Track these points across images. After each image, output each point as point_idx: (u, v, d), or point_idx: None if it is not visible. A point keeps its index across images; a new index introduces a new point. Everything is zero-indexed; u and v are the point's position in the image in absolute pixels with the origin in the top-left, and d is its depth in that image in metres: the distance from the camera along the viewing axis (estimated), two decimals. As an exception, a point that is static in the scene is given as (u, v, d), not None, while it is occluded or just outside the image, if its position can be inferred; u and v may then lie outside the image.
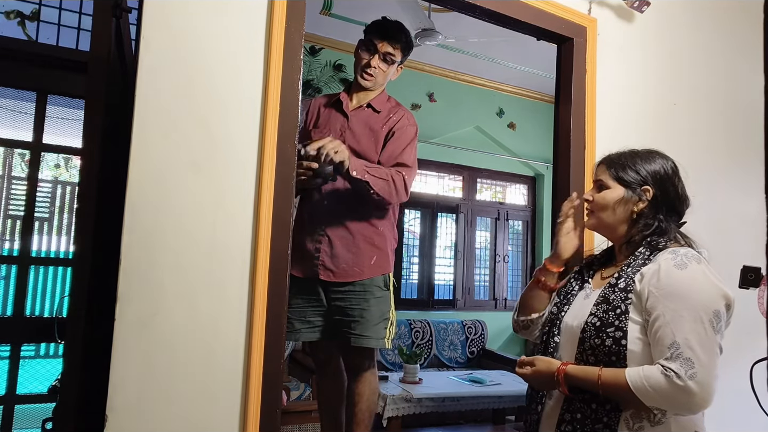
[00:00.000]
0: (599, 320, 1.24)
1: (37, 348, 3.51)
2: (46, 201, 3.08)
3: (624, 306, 1.22)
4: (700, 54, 2.33)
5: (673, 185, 1.35)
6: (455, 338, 4.95)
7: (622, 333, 1.20)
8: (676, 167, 1.38)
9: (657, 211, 1.33)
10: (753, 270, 1.72)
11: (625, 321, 1.20)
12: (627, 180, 1.35)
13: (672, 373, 1.11)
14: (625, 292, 1.24)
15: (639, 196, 1.34)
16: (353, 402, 2.03)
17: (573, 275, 1.47)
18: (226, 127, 1.42)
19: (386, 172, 1.92)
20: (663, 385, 1.11)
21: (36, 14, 2.86)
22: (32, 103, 2.83)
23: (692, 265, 1.20)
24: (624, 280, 1.26)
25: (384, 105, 2.08)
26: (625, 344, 1.19)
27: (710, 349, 1.13)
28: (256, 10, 1.47)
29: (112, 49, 1.52)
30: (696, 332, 1.13)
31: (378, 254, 2.01)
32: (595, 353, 1.23)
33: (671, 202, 1.35)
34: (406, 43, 2.07)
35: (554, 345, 1.35)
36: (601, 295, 1.28)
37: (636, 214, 1.34)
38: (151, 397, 1.30)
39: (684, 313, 1.14)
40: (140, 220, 1.31)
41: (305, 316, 2.02)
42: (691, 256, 1.22)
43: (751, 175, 2.29)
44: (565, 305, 1.38)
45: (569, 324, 1.33)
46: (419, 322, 4.80)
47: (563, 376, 1.23)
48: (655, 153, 1.40)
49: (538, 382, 1.31)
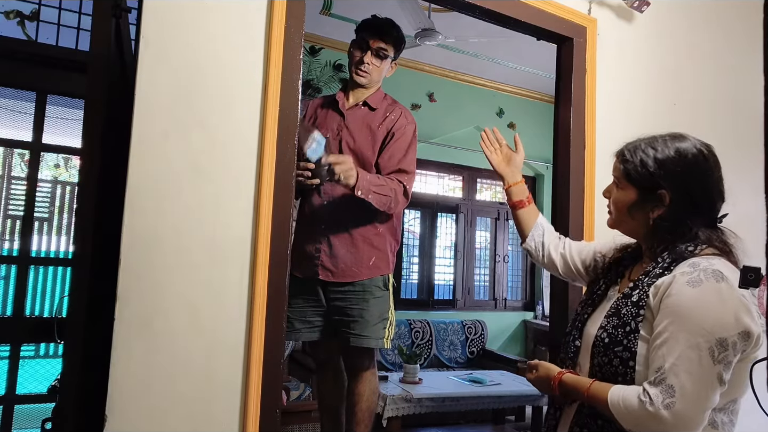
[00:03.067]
0: (608, 336, 1.15)
1: (36, 348, 3.51)
2: (46, 201, 3.08)
3: (634, 324, 1.12)
4: (700, 54, 2.33)
5: (700, 179, 1.17)
6: (455, 338, 4.95)
7: (630, 354, 1.10)
8: (704, 153, 1.19)
9: (679, 215, 1.16)
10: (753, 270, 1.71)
11: (634, 341, 1.11)
12: (640, 181, 1.20)
13: (647, 398, 1.02)
14: (637, 307, 1.13)
15: (655, 201, 1.18)
16: (353, 402, 2.03)
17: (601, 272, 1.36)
18: (226, 127, 1.42)
19: (390, 188, 1.93)
20: (635, 409, 1.03)
21: (36, 14, 2.86)
22: (32, 103, 2.83)
23: (707, 284, 1.05)
24: (638, 292, 1.14)
25: (380, 103, 2.09)
26: (633, 366, 1.10)
27: (701, 380, 1.02)
28: (256, 10, 1.47)
29: (112, 49, 1.52)
30: (688, 359, 1.02)
31: (377, 255, 2.01)
32: (602, 371, 1.15)
33: (696, 202, 1.17)
34: (397, 38, 2.09)
35: (574, 350, 1.26)
36: (613, 307, 1.18)
37: (653, 220, 1.19)
38: (151, 397, 1.30)
39: (680, 337, 1.03)
40: (140, 220, 1.31)
41: (305, 316, 2.03)
42: (711, 272, 1.06)
43: (751, 175, 2.29)
44: (589, 307, 1.28)
45: (588, 331, 1.24)
46: (419, 322, 4.80)
47: (557, 384, 1.21)
48: (675, 139, 1.20)
49: (540, 387, 1.29)
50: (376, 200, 1.88)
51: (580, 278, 1.51)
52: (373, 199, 1.87)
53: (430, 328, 4.82)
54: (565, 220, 1.94)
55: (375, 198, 1.88)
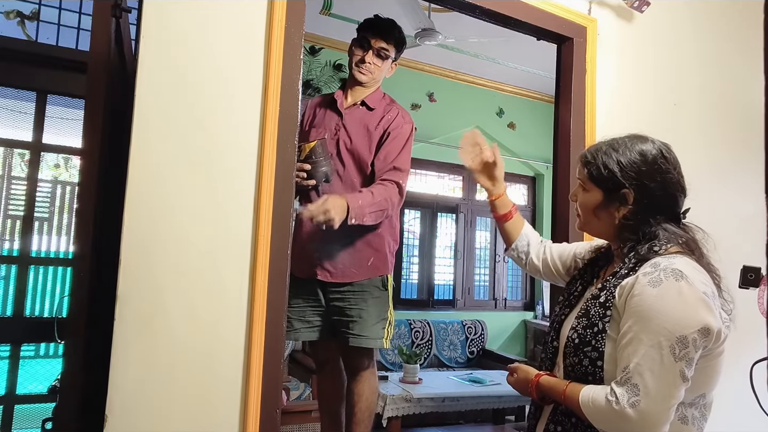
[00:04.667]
0: (578, 337, 1.18)
1: (37, 348, 3.50)
2: (46, 201, 3.08)
3: (602, 324, 1.15)
4: (700, 54, 2.33)
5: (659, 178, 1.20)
6: (455, 338, 4.95)
7: (597, 354, 1.13)
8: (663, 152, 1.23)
9: (642, 214, 1.20)
10: (753, 270, 1.71)
11: (602, 341, 1.13)
12: (604, 182, 1.23)
13: (614, 397, 1.06)
14: (604, 308, 1.16)
15: (619, 200, 1.21)
16: (353, 402, 2.03)
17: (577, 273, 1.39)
18: (226, 127, 1.42)
19: (384, 199, 1.91)
20: (603, 408, 1.07)
21: (36, 14, 2.86)
22: (32, 103, 2.83)
23: (667, 283, 1.08)
24: (605, 293, 1.18)
25: (378, 103, 2.09)
26: (601, 365, 1.13)
27: (663, 378, 1.05)
28: (256, 10, 1.47)
29: (112, 49, 1.52)
30: (650, 358, 1.05)
31: (375, 255, 2.01)
32: (574, 371, 1.17)
33: (658, 201, 1.21)
34: (399, 39, 2.09)
35: (552, 350, 1.28)
36: (583, 308, 1.21)
37: (618, 219, 1.22)
38: (151, 397, 1.30)
39: (642, 336, 1.07)
40: (140, 220, 1.31)
41: (304, 316, 2.03)
42: (671, 271, 1.09)
43: (751, 175, 2.29)
44: (567, 308, 1.31)
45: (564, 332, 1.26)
46: (419, 322, 4.80)
47: (535, 386, 1.23)
48: (636, 140, 1.24)
49: (520, 390, 1.31)
50: (372, 219, 1.90)
51: (561, 280, 1.52)
52: (368, 220, 1.88)
53: (430, 328, 4.82)
54: (565, 221, 1.94)
55: (371, 218, 1.89)
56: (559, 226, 1.99)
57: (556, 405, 1.22)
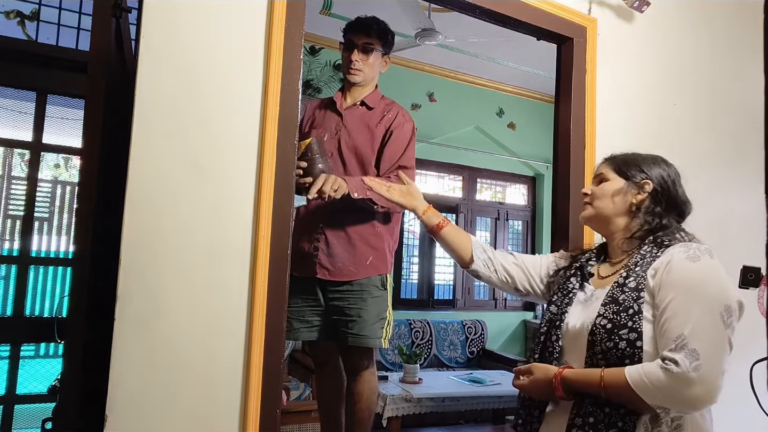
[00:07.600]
0: (610, 322, 1.18)
1: (36, 348, 3.51)
2: (46, 201, 3.08)
3: (637, 306, 1.17)
4: (700, 54, 2.33)
5: (675, 187, 1.34)
6: (455, 338, 4.95)
7: (636, 334, 1.15)
8: (678, 175, 1.37)
9: (657, 205, 1.31)
10: (753, 270, 1.71)
11: (639, 321, 1.15)
12: (628, 173, 1.35)
13: (671, 364, 1.06)
14: (637, 291, 1.19)
15: (639, 187, 1.32)
16: (353, 402, 2.03)
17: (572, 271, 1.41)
18: (226, 127, 1.42)
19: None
20: (662, 378, 1.07)
21: (36, 14, 2.86)
22: (32, 102, 2.83)
23: (705, 259, 1.17)
24: (634, 279, 1.21)
25: (377, 102, 2.10)
26: (641, 345, 1.14)
27: (718, 343, 1.09)
28: (256, 10, 1.47)
29: (112, 49, 1.52)
30: (705, 324, 1.09)
31: (374, 254, 2.01)
32: (606, 357, 1.17)
33: (672, 199, 1.33)
34: (380, 31, 2.10)
35: (558, 350, 1.27)
36: (609, 295, 1.23)
37: (635, 206, 1.32)
38: (151, 397, 1.30)
39: (694, 305, 1.11)
40: (140, 220, 1.31)
41: (303, 316, 2.03)
42: (704, 249, 1.19)
43: (751, 175, 2.29)
44: (567, 306, 1.32)
45: (574, 327, 1.26)
46: (419, 322, 4.80)
47: (560, 380, 1.19)
48: (659, 158, 1.39)
49: (538, 391, 1.25)
50: (376, 197, 1.87)
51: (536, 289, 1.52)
52: (372, 196, 1.85)
53: (430, 327, 4.82)
54: (566, 221, 1.94)
55: (376, 197, 1.86)
56: (559, 226, 1.99)
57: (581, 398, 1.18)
